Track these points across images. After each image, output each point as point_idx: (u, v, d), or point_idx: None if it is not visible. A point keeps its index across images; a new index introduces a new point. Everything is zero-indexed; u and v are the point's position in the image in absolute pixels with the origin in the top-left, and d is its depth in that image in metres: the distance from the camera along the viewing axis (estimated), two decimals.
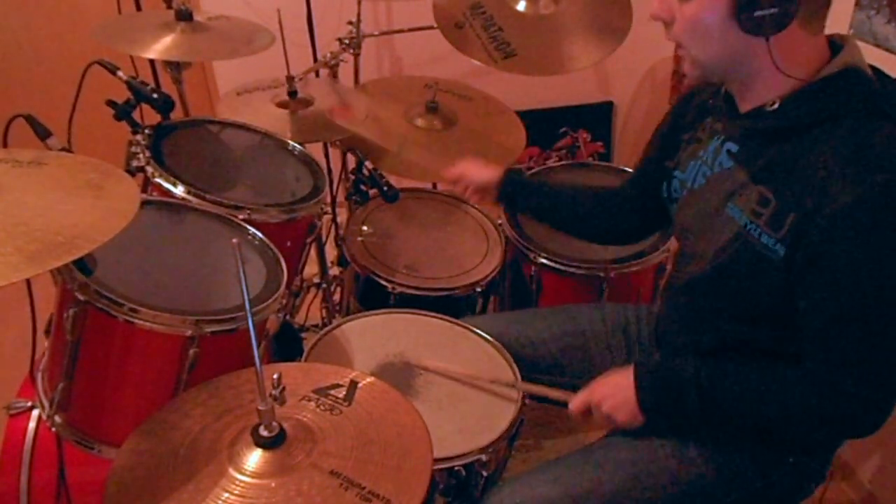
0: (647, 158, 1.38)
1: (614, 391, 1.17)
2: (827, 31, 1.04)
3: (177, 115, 1.55)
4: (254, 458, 0.92)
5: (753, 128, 1.08)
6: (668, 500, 1.17)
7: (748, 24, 0.97)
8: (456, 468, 1.19)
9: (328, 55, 1.96)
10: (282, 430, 0.94)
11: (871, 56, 1.50)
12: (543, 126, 2.93)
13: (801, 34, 0.99)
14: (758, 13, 0.96)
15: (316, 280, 2.10)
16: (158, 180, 1.39)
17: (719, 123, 1.16)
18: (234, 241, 0.96)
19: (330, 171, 2.13)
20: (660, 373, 1.15)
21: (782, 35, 0.97)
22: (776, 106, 1.03)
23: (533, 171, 2.03)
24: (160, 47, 1.62)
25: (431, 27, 1.89)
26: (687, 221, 1.22)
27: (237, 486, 0.89)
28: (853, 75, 1.00)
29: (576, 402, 1.21)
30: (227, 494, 0.88)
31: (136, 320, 1.10)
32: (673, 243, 1.57)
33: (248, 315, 0.93)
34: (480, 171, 1.53)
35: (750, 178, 1.07)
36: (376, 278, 1.69)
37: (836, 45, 1.04)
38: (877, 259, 0.95)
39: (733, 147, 1.12)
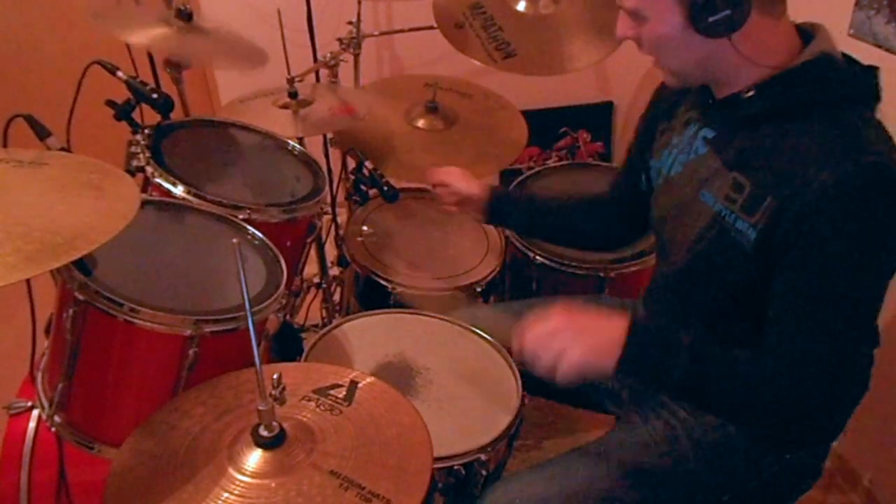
0: (630, 153, 1.39)
1: (593, 328, 1.02)
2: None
3: (177, 115, 1.55)
4: (254, 458, 0.92)
5: (729, 115, 1.09)
6: (661, 498, 1.17)
7: (706, 30, 0.99)
8: (455, 468, 1.19)
9: (328, 55, 1.96)
10: (282, 430, 0.94)
11: (871, 56, 1.50)
12: (543, 126, 2.93)
13: (764, 22, 1.00)
14: (712, 18, 0.97)
15: (316, 280, 2.10)
16: (158, 180, 1.39)
17: (694, 111, 1.18)
18: (234, 241, 0.96)
19: (330, 171, 2.12)
20: (654, 331, 1.05)
21: (745, 28, 0.98)
22: (752, 94, 1.04)
23: (533, 170, 2.03)
24: (154, 35, 1.59)
25: (431, 27, 1.89)
26: (663, 210, 1.22)
27: (237, 486, 0.89)
28: (828, 62, 1.01)
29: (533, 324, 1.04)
30: (227, 494, 0.88)
31: (136, 320, 1.10)
32: None
33: (248, 315, 0.93)
34: (467, 183, 1.49)
35: (724, 165, 1.08)
36: (376, 278, 1.69)
37: (806, 32, 1.05)
38: (855, 239, 0.95)
39: (709, 133, 1.13)
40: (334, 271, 2.10)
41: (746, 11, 0.96)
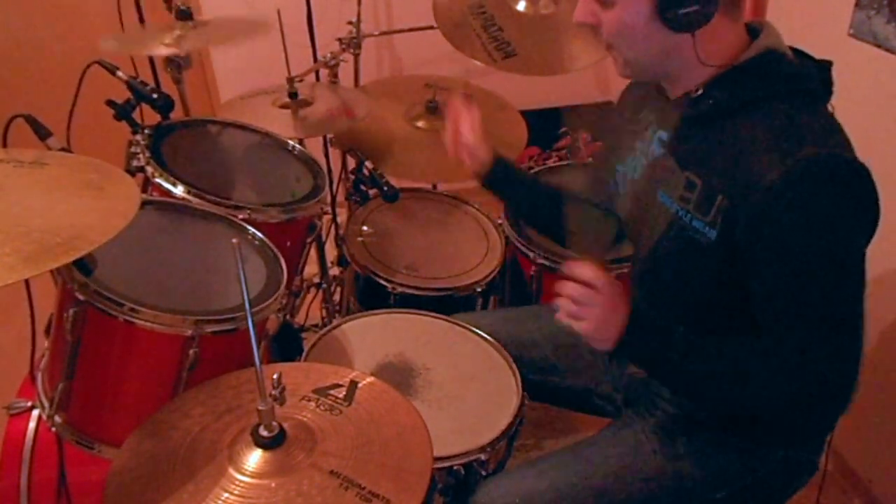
0: (598, 159, 1.38)
1: (611, 304, 1.04)
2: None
3: (177, 115, 1.55)
4: (254, 458, 0.92)
5: (681, 115, 1.09)
6: (655, 495, 1.17)
7: (673, 22, 0.98)
8: (455, 468, 1.19)
9: (328, 55, 1.96)
10: (282, 430, 0.94)
11: (871, 56, 1.50)
12: (543, 126, 2.94)
13: (724, 23, 1.00)
14: (681, 11, 0.97)
15: (316, 280, 2.10)
16: (158, 180, 1.39)
17: (653, 115, 1.18)
18: (234, 241, 0.96)
19: (330, 171, 2.13)
20: (654, 321, 1.06)
21: (708, 27, 0.98)
22: (700, 92, 1.05)
23: (532, 171, 2.03)
24: (166, 42, 1.63)
25: (431, 27, 1.89)
26: (627, 212, 1.24)
27: (237, 486, 0.89)
28: (772, 57, 1.02)
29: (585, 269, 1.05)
30: (227, 494, 0.88)
31: (136, 320, 1.11)
32: None
33: (248, 315, 0.93)
34: (477, 139, 1.42)
35: (678, 164, 1.09)
36: (376, 278, 1.69)
37: (754, 30, 1.05)
38: (811, 232, 0.95)
39: (664, 135, 1.14)
40: (334, 271, 2.11)
41: (713, 9, 0.97)
